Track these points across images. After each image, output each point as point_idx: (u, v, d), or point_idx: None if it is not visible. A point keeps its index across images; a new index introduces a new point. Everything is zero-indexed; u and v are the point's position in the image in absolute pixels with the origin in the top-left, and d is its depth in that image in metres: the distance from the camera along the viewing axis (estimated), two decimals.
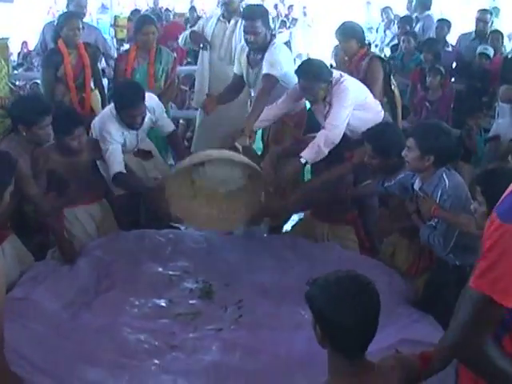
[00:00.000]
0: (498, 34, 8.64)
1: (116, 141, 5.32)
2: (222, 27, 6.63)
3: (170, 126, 5.77)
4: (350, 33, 6.04)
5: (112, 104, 5.39)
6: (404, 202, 4.63)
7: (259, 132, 6.23)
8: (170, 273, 4.92)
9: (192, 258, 5.10)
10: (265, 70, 5.69)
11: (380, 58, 6.41)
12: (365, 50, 6.19)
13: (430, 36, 9.05)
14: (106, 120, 5.35)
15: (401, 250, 5.02)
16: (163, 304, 4.53)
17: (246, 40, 5.87)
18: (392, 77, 6.40)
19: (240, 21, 6.44)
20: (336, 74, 5.26)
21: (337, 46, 7.02)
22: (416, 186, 4.44)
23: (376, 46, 11.90)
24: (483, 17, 8.73)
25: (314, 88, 5.15)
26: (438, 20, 9.29)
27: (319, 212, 5.57)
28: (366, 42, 6.77)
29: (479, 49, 8.27)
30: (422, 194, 4.32)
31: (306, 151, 5.07)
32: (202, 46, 6.69)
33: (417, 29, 9.41)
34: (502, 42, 8.81)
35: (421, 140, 4.25)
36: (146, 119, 5.40)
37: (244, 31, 5.88)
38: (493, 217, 1.95)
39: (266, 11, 6.04)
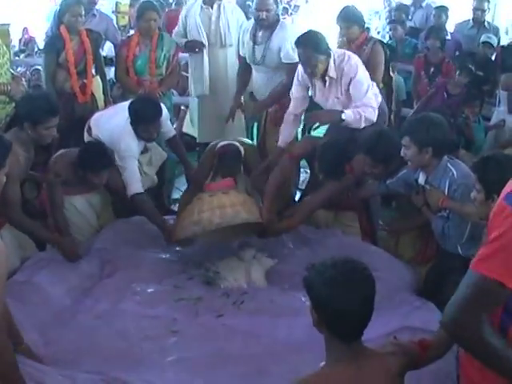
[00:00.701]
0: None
1: (134, 155, 5.26)
2: (206, 14, 6.57)
3: (171, 132, 5.77)
4: (351, 18, 6.03)
5: (127, 116, 5.22)
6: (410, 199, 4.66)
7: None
8: (173, 259, 4.96)
9: (194, 245, 5.12)
10: (287, 59, 5.84)
11: (382, 42, 6.42)
12: (366, 35, 6.20)
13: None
14: (124, 134, 5.19)
15: (405, 238, 5.04)
16: (165, 289, 4.55)
17: (257, 17, 5.96)
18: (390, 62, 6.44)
19: (222, 4, 6.49)
20: (340, 51, 5.26)
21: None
22: (421, 180, 4.45)
23: (378, 32, 11.87)
24: (480, 5, 8.69)
25: (311, 59, 5.09)
26: (436, 8, 9.24)
27: None
28: (366, 26, 6.78)
29: (483, 37, 8.24)
30: (429, 187, 4.34)
31: (349, 112, 5.02)
32: (197, 50, 6.62)
33: (419, 17, 9.39)
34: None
35: (415, 135, 4.28)
36: None
37: (256, 9, 5.97)
38: (502, 205, 1.96)
39: None
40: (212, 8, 6.54)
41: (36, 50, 11.66)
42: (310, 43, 5.08)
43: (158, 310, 4.32)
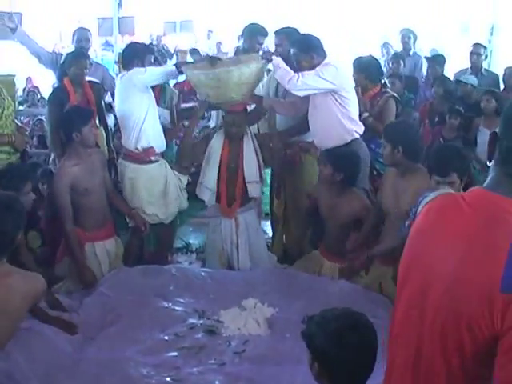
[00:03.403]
0: None
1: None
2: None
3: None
4: (358, 67, 6.29)
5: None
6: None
7: None
8: (175, 308, 4.98)
9: (196, 294, 5.17)
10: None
11: (396, 98, 6.61)
12: (378, 89, 6.56)
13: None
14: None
15: (387, 281, 5.08)
16: (167, 338, 4.58)
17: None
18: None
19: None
20: (332, 60, 5.64)
21: None
22: None
23: None
24: (476, 50, 8.83)
25: (297, 57, 5.63)
26: (429, 59, 9.33)
27: (330, 252, 5.66)
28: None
29: (462, 78, 8.42)
30: None
31: (282, 69, 5.48)
32: None
33: (408, 66, 9.49)
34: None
35: (390, 136, 4.93)
36: None
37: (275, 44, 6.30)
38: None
39: (295, 29, 6.33)
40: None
41: (39, 98, 11.76)
42: (296, 44, 5.66)
43: (161, 358, 4.33)
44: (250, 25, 6.58)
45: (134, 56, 5.94)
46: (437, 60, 8.97)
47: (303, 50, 5.59)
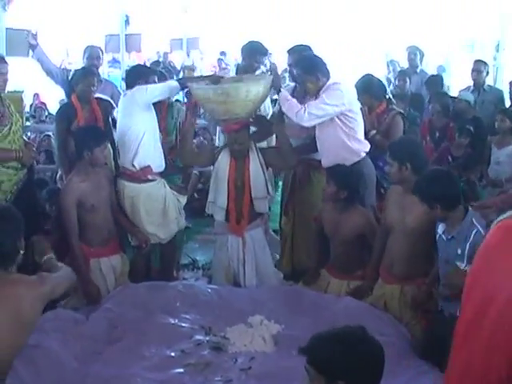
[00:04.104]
0: None
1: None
2: None
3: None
4: (361, 89, 6.29)
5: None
6: None
7: None
8: (181, 324, 4.97)
9: (202, 310, 5.16)
10: None
11: (402, 114, 6.65)
12: (384, 105, 6.61)
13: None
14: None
15: (392, 300, 5.09)
16: (174, 354, 4.57)
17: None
18: None
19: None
20: (337, 80, 5.68)
21: None
22: (439, 231, 4.58)
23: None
24: (477, 67, 8.85)
25: (302, 79, 5.70)
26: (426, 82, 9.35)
27: (336, 269, 5.66)
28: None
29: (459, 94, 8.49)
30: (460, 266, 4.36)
31: (290, 102, 5.53)
32: None
33: (415, 83, 9.52)
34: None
35: (396, 154, 4.96)
36: None
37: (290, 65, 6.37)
38: None
39: (308, 47, 6.41)
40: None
41: (46, 114, 11.81)
42: (300, 65, 5.71)
43: (167, 374, 4.32)
44: (249, 43, 6.61)
45: (138, 77, 5.97)
46: (433, 81, 8.99)
47: (308, 72, 5.61)
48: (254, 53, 6.44)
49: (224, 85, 5.60)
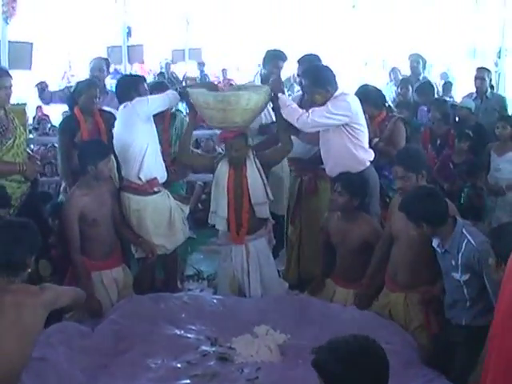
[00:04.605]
0: None
1: None
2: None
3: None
4: (359, 98, 6.24)
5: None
6: None
7: None
8: (187, 335, 4.97)
9: (207, 321, 5.16)
10: None
11: (403, 119, 6.67)
12: (384, 113, 6.64)
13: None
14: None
15: (397, 308, 5.08)
16: (180, 366, 4.56)
17: (300, 83, 6.32)
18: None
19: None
20: (344, 90, 5.69)
21: None
22: (434, 244, 4.57)
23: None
24: (480, 74, 8.85)
25: (310, 90, 5.69)
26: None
27: (342, 279, 5.65)
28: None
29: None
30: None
31: (290, 107, 5.56)
32: None
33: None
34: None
35: (412, 164, 4.97)
36: None
37: (298, 75, 6.37)
38: None
39: (317, 57, 6.51)
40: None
41: (49, 127, 11.83)
42: (309, 76, 5.68)
43: None
44: (271, 51, 6.72)
45: (129, 88, 5.94)
46: (424, 88, 8.98)
47: (318, 84, 5.60)
48: (276, 59, 6.55)
49: (225, 92, 5.61)
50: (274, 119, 6.10)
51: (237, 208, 5.68)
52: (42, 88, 7.92)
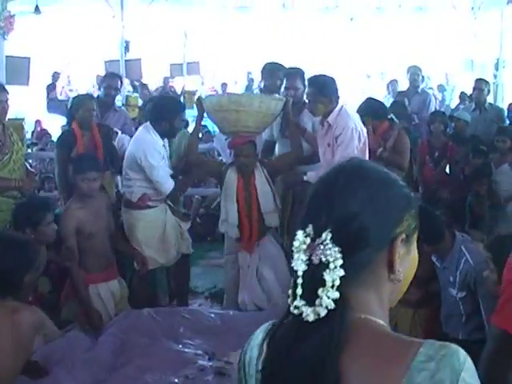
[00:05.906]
0: None
1: (161, 156, 5.88)
2: None
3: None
4: (363, 112, 6.30)
5: (146, 125, 5.97)
6: None
7: None
8: (185, 350, 4.96)
9: (205, 335, 5.14)
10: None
11: (407, 129, 6.69)
12: (387, 124, 6.66)
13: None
14: (148, 140, 5.85)
15: (403, 321, 5.06)
16: (178, 380, 4.53)
17: (286, 95, 6.14)
18: None
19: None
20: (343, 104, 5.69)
21: None
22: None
23: None
24: (478, 85, 8.88)
25: (314, 97, 5.60)
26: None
27: None
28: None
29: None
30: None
31: (313, 173, 5.48)
32: None
33: (417, 102, 9.59)
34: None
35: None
36: None
37: (286, 87, 6.26)
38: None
39: (303, 71, 6.45)
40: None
41: (48, 141, 11.82)
42: (314, 84, 5.62)
43: None
44: (268, 64, 6.72)
45: (163, 117, 5.96)
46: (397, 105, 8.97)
47: (323, 93, 5.57)
48: (275, 71, 6.54)
49: (238, 93, 5.69)
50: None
51: (249, 215, 5.71)
52: (53, 86, 7.76)
